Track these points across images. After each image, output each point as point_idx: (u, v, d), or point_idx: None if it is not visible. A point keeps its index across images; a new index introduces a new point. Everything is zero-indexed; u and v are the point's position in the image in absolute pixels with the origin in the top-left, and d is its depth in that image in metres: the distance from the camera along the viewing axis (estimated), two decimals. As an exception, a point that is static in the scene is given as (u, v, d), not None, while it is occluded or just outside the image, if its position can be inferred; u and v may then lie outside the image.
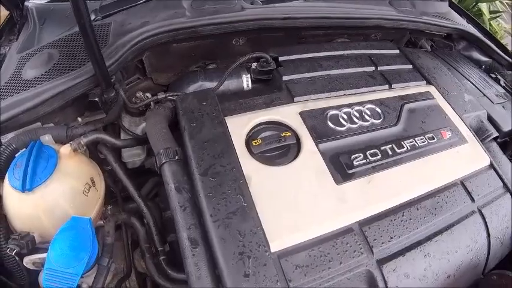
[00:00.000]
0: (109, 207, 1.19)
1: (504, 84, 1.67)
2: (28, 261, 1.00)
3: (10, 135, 1.14)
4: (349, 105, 1.20)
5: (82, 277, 0.99)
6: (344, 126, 1.14)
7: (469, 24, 1.87)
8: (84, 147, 1.11)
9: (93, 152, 1.22)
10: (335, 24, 1.43)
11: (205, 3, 1.31)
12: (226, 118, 1.07)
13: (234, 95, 1.22)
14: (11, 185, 1.01)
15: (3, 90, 1.18)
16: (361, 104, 1.22)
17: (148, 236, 1.15)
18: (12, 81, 1.20)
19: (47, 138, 1.13)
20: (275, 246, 0.87)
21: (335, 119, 1.15)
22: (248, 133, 1.07)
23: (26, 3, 1.50)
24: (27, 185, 0.98)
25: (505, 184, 1.23)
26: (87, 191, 1.09)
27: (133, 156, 1.25)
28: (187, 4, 1.30)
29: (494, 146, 1.38)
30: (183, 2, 1.32)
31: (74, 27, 1.32)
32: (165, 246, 1.12)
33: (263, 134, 1.07)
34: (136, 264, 1.20)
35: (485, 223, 1.12)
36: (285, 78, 1.23)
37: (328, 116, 1.15)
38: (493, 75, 1.72)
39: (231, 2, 1.33)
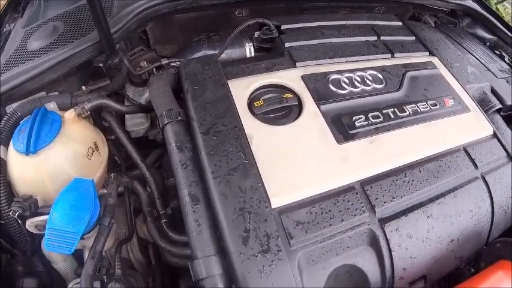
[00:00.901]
0: (112, 175, 1.19)
1: (508, 61, 1.65)
2: (30, 223, 1.00)
3: (15, 105, 1.14)
4: (351, 71, 1.19)
5: (83, 238, 0.99)
6: (346, 89, 1.13)
7: (474, 3, 1.85)
8: (88, 112, 1.11)
9: (97, 120, 1.22)
10: (338, -5, 1.41)
11: (209, -26, 1.30)
12: (228, 81, 1.06)
13: (236, 61, 1.20)
14: (15, 149, 1.01)
15: (9, 62, 1.19)
16: (363, 70, 1.20)
17: (150, 200, 1.14)
18: (17, 53, 1.21)
19: (51, 106, 1.13)
20: (276, 202, 0.86)
21: (337, 83, 1.14)
22: (250, 95, 1.06)
23: (30, -18, 1.52)
24: (31, 148, 0.99)
25: (508, 154, 1.20)
26: (90, 155, 1.09)
27: (136, 125, 1.25)
28: (189, -25, 1.30)
29: (498, 117, 1.35)
30: None
31: (79, 1, 1.33)
32: (167, 210, 1.11)
33: (265, 96, 1.06)
34: (138, 231, 1.20)
35: (488, 190, 1.09)
36: (287, 44, 1.22)
37: (330, 79, 1.14)
38: (498, 52, 1.70)
39: (232, -29, 1.33)
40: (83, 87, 1.20)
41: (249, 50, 1.27)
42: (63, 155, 1.04)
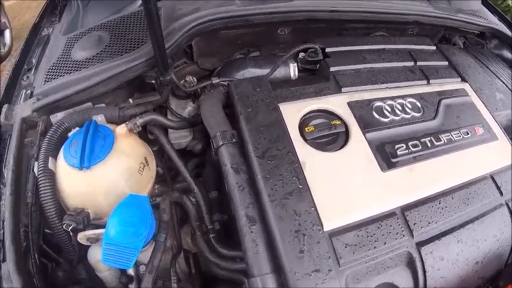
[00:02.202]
0: (157, 186, 1.35)
1: (533, 85, 1.85)
2: (83, 236, 1.12)
3: (60, 114, 1.27)
4: (392, 98, 1.36)
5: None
6: (388, 117, 1.30)
7: (501, 23, 2.04)
8: (140, 128, 1.25)
9: (141, 133, 1.36)
10: (377, 18, 1.59)
11: (255, -9, 1.45)
12: (279, 104, 1.22)
13: (284, 83, 1.37)
14: (67, 163, 1.12)
15: (53, 70, 1.31)
16: (402, 97, 1.38)
17: (198, 215, 1.30)
18: (61, 62, 1.33)
19: (99, 119, 1.26)
20: (328, 225, 1.02)
21: (380, 111, 1.31)
22: (300, 119, 1.22)
23: (68, -15, 1.62)
24: (85, 163, 1.10)
25: None
26: (142, 170, 1.23)
27: (180, 138, 1.41)
28: (237, -8, 1.45)
29: (523, 145, 1.56)
30: None
31: (122, 10, 1.46)
32: (214, 225, 1.27)
33: (314, 121, 1.23)
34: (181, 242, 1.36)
35: (511, 215, 1.28)
36: (332, 69, 1.39)
37: (373, 107, 1.31)
38: (523, 75, 1.90)
39: (279, -9, 1.48)
40: (130, 100, 1.35)
41: (293, 70, 1.44)
42: (117, 170, 1.17)
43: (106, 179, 1.16)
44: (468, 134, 1.37)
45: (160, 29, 1.12)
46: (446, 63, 1.63)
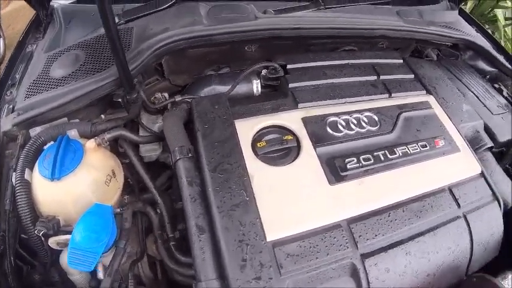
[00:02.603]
0: (126, 197, 1.45)
1: (507, 95, 1.86)
2: (53, 241, 1.22)
3: (38, 129, 1.36)
4: (349, 113, 1.42)
5: (101, 257, 1.20)
6: (342, 132, 1.35)
7: (478, 34, 2.05)
8: (108, 143, 1.34)
9: (113, 146, 1.45)
10: (342, 34, 1.63)
11: (221, 11, 1.53)
12: (235, 121, 1.30)
13: (245, 99, 1.45)
14: (40, 174, 1.23)
15: (33, 87, 1.41)
16: (359, 111, 1.44)
17: (160, 224, 1.38)
18: (41, 79, 1.42)
19: (73, 133, 1.36)
20: (271, 236, 1.08)
21: (334, 125, 1.37)
22: (254, 135, 1.29)
23: (51, 3, 1.72)
24: (56, 174, 1.21)
25: (494, 193, 1.42)
26: (109, 182, 1.32)
27: (150, 151, 1.49)
28: (205, 12, 1.53)
29: (489, 155, 1.58)
30: (200, 10, 1.54)
31: (98, 29, 1.54)
32: (175, 233, 1.35)
33: (267, 137, 1.30)
34: (147, 249, 1.44)
35: (469, 229, 1.31)
36: (291, 85, 1.46)
37: (327, 122, 1.37)
38: (497, 86, 1.91)
39: (245, 10, 1.55)
40: (102, 116, 1.44)
41: (256, 86, 1.51)
42: (84, 181, 1.27)
43: (75, 190, 1.26)
44: (427, 146, 1.41)
45: (123, 51, 1.20)
46: (412, 76, 1.67)
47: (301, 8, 1.64)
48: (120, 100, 1.39)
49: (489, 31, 2.18)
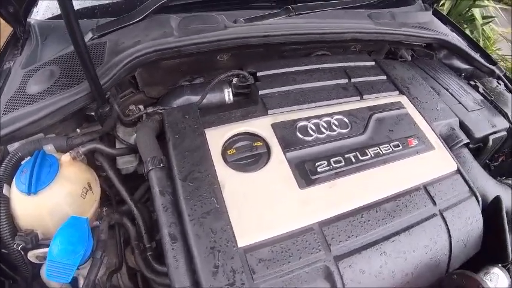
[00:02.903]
0: (104, 209, 1.46)
1: (483, 91, 1.88)
2: (32, 255, 1.23)
3: (16, 144, 1.39)
4: (318, 117, 1.44)
5: (78, 268, 1.22)
6: (312, 136, 1.37)
7: (453, 33, 2.08)
8: (82, 156, 1.37)
9: (91, 159, 1.47)
10: (313, 39, 1.65)
11: (191, 22, 1.55)
12: (206, 130, 1.32)
13: (216, 108, 1.47)
14: (17, 189, 1.25)
15: (10, 104, 1.43)
16: (330, 115, 1.45)
17: (138, 235, 1.39)
18: (17, 96, 1.43)
19: (49, 148, 1.39)
20: (242, 242, 1.10)
21: (303, 130, 1.39)
22: (224, 143, 1.31)
23: (28, 20, 1.73)
24: (32, 189, 1.23)
25: (471, 188, 1.43)
26: (85, 195, 1.34)
27: (126, 163, 1.51)
28: (175, 24, 1.55)
29: (465, 152, 1.59)
30: (171, 22, 1.56)
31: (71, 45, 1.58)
32: (152, 244, 1.36)
33: (237, 144, 1.32)
34: (127, 260, 1.45)
35: (446, 226, 1.32)
36: (261, 92, 1.48)
37: (297, 127, 1.39)
38: (473, 83, 1.93)
39: (215, 21, 1.57)
40: (78, 130, 1.47)
41: (227, 94, 1.53)
42: (60, 195, 1.29)
43: (51, 203, 1.28)
44: (399, 146, 1.43)
45: (93, 65, 1.22)
46: (385, 77, 1.69)
47: (271, 16, 1.66)
48: (93, 114, 1.41)
49: (467, 30, 2.21)
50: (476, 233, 1.41)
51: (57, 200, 1.29)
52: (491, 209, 1.47)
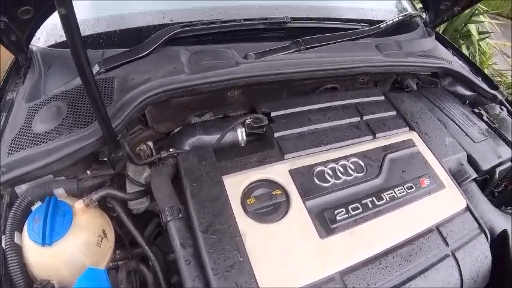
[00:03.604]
0: (118, 252, 1.46)
1: (487, 119, 1.94)
2: None
3: (24, 186, 1.37)
4: (335, 160, 1.46)
5: None
6: (329, 182, 1.39)
7: (455, 57, 2.12)
8: (96, 203, 1.36)
9: (101, 201, 1.46)
10: (324, 75, 1.67)
11: (202, 58, 1.54)
12: (223, 177, 1.32)
13: (230, 151, 1.48)
14: (31, 239, 1.24)
15: (16, 142, 1.40)
16: (345, 158, 1.48)
17: (155, 281, 1.40)
18: (23, 134, 1.40)
19: (59, 192, 1.37)
20: None
21: (321, 176, 1.41)
22: (243, 191, 1.32)
23: (30, 47, 1.69)
24: (47, 240, 1.22)
25: (480, 225, 1.48)
26: (100, 243, 1.34)
27: (138, 203, 1.50)
28: (186, 59, 1.53)
29: (473, 186, 1.64)
30: (181, 57, 1.55)
31: (76, 78, 1.53)
32: (170, 289, 1.38)
33: (256, 192, 1.33)
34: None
35: (458, 265, 1.37)
36: (276, 135, 1.49)
37: (314, 172, 1.41)
38: (477, 110, 1.98)
39: (226, 56, 1.57)
40: (88, 172, 1.45)
41: (241, 134, 1.54)
42: (75, 245, 1.28)
43: (66, 254, 1.28)
44: (413, 187, 1.46)
45: (105, 109, 1.19)
46: (395, 112, 1.72)
47: (282, 50, 1.67)
48: (106, 160, 1.39)
49: (464, 46, 2.27)
50: (485, 268, 1.46)
51: (73, 250, 1.29)
52: (498, 242, 1.52)
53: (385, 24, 2.03)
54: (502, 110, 2.07)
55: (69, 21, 0.92)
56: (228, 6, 1.87)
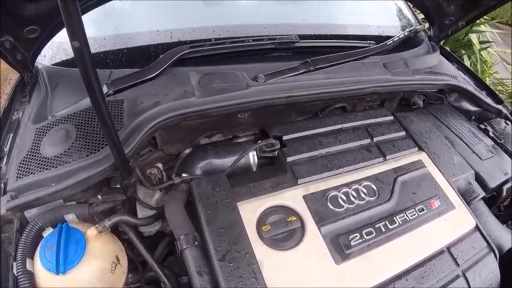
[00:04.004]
0: (130, 276, 1.47)
1: (493, 135, 1.97)
2: None
3: (33, 210, 1.36)
4: (347, 185, 1.48)
5: None
6: (343, 207, 1.41)
7: (459, 71, 2.15)
8: (109, 230, 1.36)
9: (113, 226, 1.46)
10: (334, 96, 1.68)
11: (212, 80, 1.55)
12: (238, 204, 1.34)
13: (243, 176, 1.49)
14: (44, 267, 1.23)
15: (24, 165, 1.39)
16: (357, 182, 1.50)
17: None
18: (31, 157, 1.39)
19: (70, 217, 1.36)
20: None
21: (334, 201, 1.42)
22: (258, 217, 1.33)
23: (36, 64, 1.68)
24: (61, 269, 1.22)
25: (489, 244, 1.51)
26: (114, 269, 1.34)
27: (150, 227, 1.51)
28: (196, 81, 1.54)
29: (481, 205, 1.67)
30: (191, 79, 1.55)
31: (86, 98, 1.52)
32: (185, 315, 1.39)
33: (271, 219, 1.34)
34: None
35: (468, 285, 1.39)
36: (289, 159, 1.51)
37: (328, 198, 1.42)
38: (483, 126, 2.01)
39: (236, 78, 1.58)
40: (99, 197, 1.45)
41: (253, 159, 1.55)
42: (90, 273, 1.28)
43: (81, 282, 1.28)
44: (424, 210, 1.48)
45: (117, 136, 1.19)
46: (404, 133, 1.74)
47: (291, 71, 1.68)
48: (118, 187, 1.40)
49: (465, 56, 2.30)
50: (494, 286, 1.49)
51: (87, 278, 1.28)
52: (506, 259, 1.56)
53: (391, 41, 2.05)
54: (507, 124, 2.10)
55: (83, 54, 0.92)
56: (235, 25, 1.89)
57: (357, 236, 1.35)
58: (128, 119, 1.44)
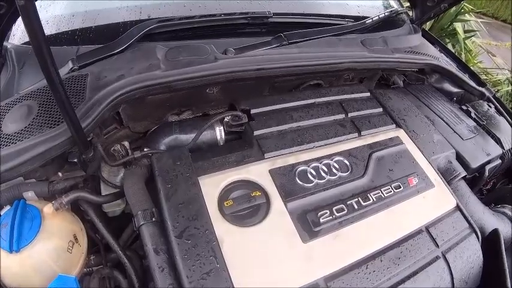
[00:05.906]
0: (92, 257, 1.33)
1: (475, 116, 1.82)
2: None
3: None
4: (318, 159, 1.33)
5: None
6: (312, 182, 1.27)
7: (442, 54, 2.01)
8: (66, 206, 1.23)
9: (75, 204, 1.33)
10: (308, 71, 1.55)
11: (179, 54, 1.41)
12: (199, 178, 1.20)
13: (208, 151, 1.35)
14: None
15: None
16: (329, 157, 1.35)
17: (130, 286, 1.28)
18: None
19: (29, 195, 1.24)
20: None
21: (303, 175, 1.28)
22: (220, 193, 1.19)
23: (4, 44, 1.57)
24: (14, 247, 1.11)
25: (470, 225, 1.37)
26: (71, 248, 1.21)
27: (113, 206, 1.38)
28: (162, 55, 1.41)
29: (463, 185, 1.52)
30: (157, 53, 1.42)
31: None
32: (147, 295, 1.25)
33: (234, 194, 1.20)
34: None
35: (448, 267, 1.26)
36: (256, 133, 1.36)
37: (296, 172, 1.28)
38: (464, 108, 1.87)
39: (204, 52, 1.44)
40: (60, 174, 1.32)
41: (219, 133, 1.41)
42: (45, 251, 1.16)
43: (35, 261, 1.16)
44: (400, 187, 1.35)
45: (72, 109, 1.09)
46: (381, 109, 1.60)
47: (263, 45, 1.54)
48: (75, 161, 1.26)
49: (450, 44, 2.17)
50: (476, 269, 1.35)
51: (42, 257, 1.16)
52: (489, 242, 1.41)
53: (370, 19, 1.91)
54: (490, 107, 1.96)
55: (29, 13, 0.83)
56: (207, 1, 1.75)
57: (326, 212, 1.21)
58: (90, 92, 1.31)
